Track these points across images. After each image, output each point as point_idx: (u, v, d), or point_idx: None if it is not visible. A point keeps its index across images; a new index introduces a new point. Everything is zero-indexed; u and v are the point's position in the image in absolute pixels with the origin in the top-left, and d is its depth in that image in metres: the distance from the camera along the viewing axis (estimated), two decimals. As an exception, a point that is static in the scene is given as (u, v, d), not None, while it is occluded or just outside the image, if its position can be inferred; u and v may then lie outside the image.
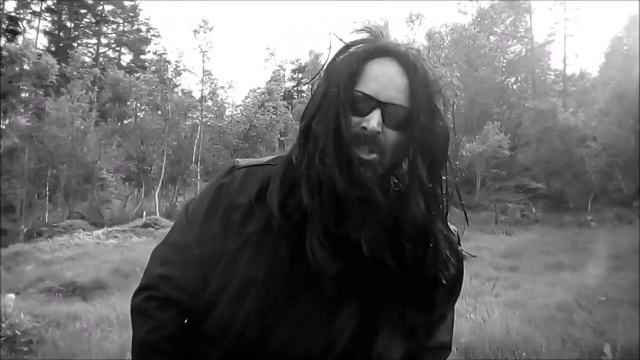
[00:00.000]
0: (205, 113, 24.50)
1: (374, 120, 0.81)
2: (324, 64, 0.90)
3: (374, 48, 0.86)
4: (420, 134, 0.83)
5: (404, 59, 0.85)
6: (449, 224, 0.93)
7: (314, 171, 0.83)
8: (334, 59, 0.88)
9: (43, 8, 34.43)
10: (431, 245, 0.85)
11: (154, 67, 24.84)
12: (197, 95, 24.86)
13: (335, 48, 0.90)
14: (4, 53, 20.50)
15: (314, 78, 0.91)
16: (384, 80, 0.84)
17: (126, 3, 37.14)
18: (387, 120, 0.82)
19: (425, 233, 0.84)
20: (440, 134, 0.86)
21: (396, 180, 0.87)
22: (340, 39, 0.90)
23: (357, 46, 0.88)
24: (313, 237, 0.82)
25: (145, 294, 0.92)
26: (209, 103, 25.00)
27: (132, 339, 0.92)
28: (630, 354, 3.84)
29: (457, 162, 20.97)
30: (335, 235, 0.82)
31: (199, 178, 22.23)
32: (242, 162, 0.97)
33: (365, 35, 0.91)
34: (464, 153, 19.56)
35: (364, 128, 0.82)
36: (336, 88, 0.83)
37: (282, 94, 26.58)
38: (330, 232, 0.82)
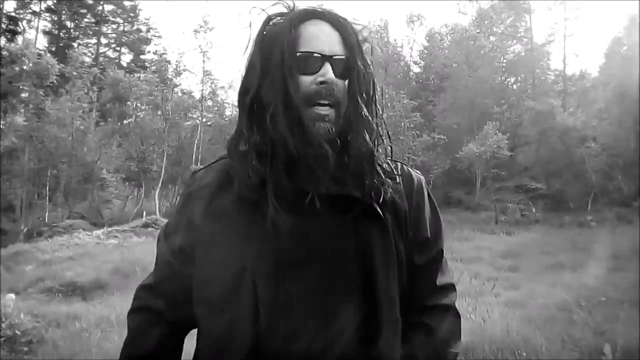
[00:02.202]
0: (205, 113, 24.52)
1: (329, 72, 0.88)
2: (254, 37, 0.95)
3: (303, 13, 0.93)
4: (359, 78, 0.91)
5: (331, 17, 0.93)
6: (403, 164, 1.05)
7: (265, 136, 0.90)
8: (261, 31, 0.94)
9: (43, 8, 34.44)
10: (377, 172, 0.93)
11: (154, 67, 24.86)
12: (197, 95, 24.90)
13: (257, 23, 0.96)
14: (4, 53, 20.48)
15: (244, 53, 0.96)
16: (323, 36, 0.91)
17: (126, 3, 37.14)
18: (335, 71, 0.89)
19: (371, 163, 0.92)
20: (370, 77, 0.94)
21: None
22: (263, 10, 0.96)
23: (280, 16, 0.94)
24: (269, 198, 0.87)
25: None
26: (209, 103, 25.02)
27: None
28: (630, 354, 3.84)
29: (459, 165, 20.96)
30: (292, 195, 0.88)
31: (199, 178, 22.21)
32: (199, 167, 1.07)
33: (281, 7, 0.96)
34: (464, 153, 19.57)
35: (322, 82, 0.88)
36: (279, 54, 0.88)
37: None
38: (286, 190, 0.88)
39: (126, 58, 37.89)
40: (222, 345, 0.89)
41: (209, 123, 25.00)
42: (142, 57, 36.79)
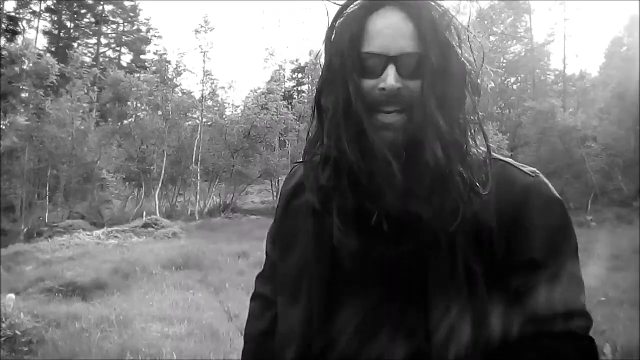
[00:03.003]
0: (205, 113, 24.52)
1: (389, 77, 0.76)
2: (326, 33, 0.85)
3: (370, 1, 0.81)
4: (433, 77, 0.77)
5: (405, 4, 0.79)
6: (509, 160, 0.91)
7: (329, 147, 0.81)
8: (332, 25, 0.84)
9: (43, 8, 34.48)
10: (450, 189, 0.78)
11: (154, 67, 24.87)
12: (197, 95, 24.90)
13: (332, 15, 0.85)
14: (4, 53, 20.49)
15: (318, 52, 0.88)
16: (389, 32, 0.78)
17: (126, 3, 37.20)
18: (403, 72, 0.77)
19: (443, 179, 0.77)
20: (455, 71, 0.79)
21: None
22: (335, 2, 0.85)
23: (353, 5, 0.83)
24: (334, 216, 0.82)
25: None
26: (209, 103, 25.03)
27: None
28: (630, 354, 3.84)
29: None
30: (358, 212, 0.80)
31: (199, 178, 22.24)
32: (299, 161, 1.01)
33: None
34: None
35: (383, 89, 0.77)
36: (339, 55, 0.79)
37: (282, 94, 26.62)
38: (349, 208, 0.80)
39: (126, 58, 37.95)
40: (283, 341, 0.92)
41: (209, 123, 25.00)
42: (142, 57, 36.83)
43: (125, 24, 38.06)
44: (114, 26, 38.02)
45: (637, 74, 16.13)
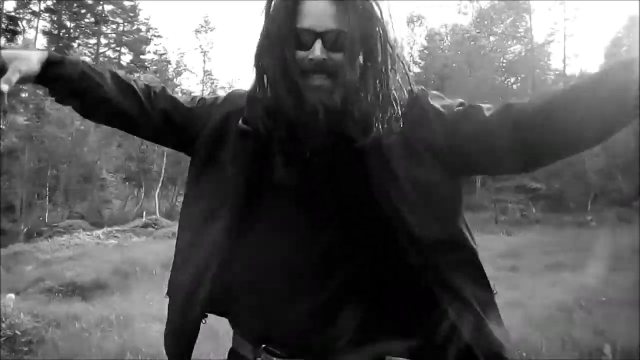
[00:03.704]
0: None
1: (316, 50, 0.91)
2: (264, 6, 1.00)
3: None
4: (352, 51, 0.93)
5: None
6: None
7: (268, 101, 0.96)
8: (269, 2, 0.98)
9: (42, 8, 34.47)
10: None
11: (154, 67, 24.89)
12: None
13: None
14: (4, 53, 20.48)
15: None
16: (317, 13, 0.93)
17: (126, 3, 37.17)
18: (329, 46, 0.92)
19: (368, 120, 0.93)
20: (370, 46, 0.94)
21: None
22: None
23: None
24: (275, 156, 0.95)
25: None
26: (209, 103, 25.05)
27: None
28: (630, 354, 3.83)
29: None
30: (295, 153, 0.96)
31: (199, 178, 22.25)
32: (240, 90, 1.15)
33: None
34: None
35: (311, 59, 0.92)
36: (276, 27, 0.94)
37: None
38: (288, 150, 0.95)
39: (126, 58, 37.90)
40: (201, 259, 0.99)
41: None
42: (142, 57, 36.80)
43: (125, 24, 38.04)
44: (114, 26, 38.00)
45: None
